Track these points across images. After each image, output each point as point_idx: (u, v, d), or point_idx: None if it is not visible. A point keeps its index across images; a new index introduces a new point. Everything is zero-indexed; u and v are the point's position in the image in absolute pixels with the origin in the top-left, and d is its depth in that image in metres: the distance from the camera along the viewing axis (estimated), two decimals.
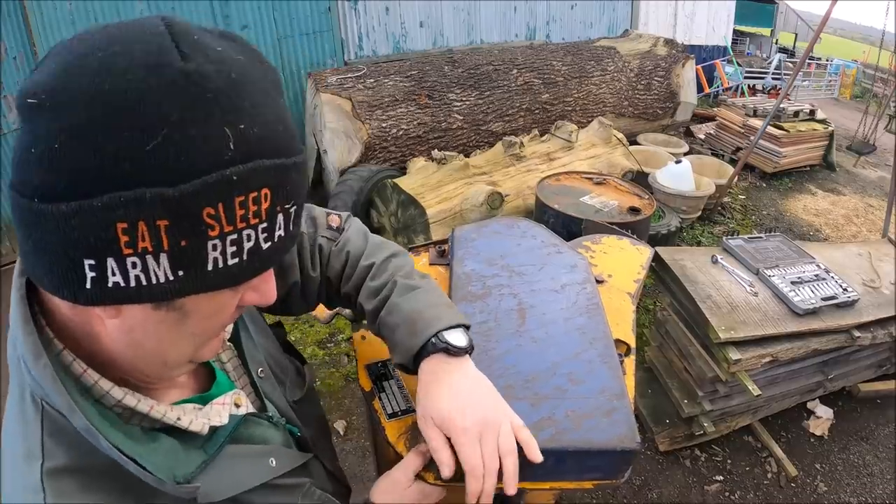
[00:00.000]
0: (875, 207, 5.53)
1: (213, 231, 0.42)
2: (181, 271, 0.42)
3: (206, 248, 0.42)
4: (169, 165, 0.39)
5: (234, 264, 0.44)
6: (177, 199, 0.39)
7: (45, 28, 4.17)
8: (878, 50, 7.53)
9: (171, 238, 0.41)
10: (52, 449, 0.49)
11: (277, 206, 0.45)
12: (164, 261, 0.41)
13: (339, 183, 4.01)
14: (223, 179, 0.40)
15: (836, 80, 11.65)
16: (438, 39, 6.34)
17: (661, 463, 2.61)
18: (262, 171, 0.43)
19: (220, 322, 0.52)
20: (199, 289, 0.44)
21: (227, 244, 0.43)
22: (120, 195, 0.38)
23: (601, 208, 3.13)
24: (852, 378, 2.85)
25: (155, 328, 0.48)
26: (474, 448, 0.66)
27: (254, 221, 0.44)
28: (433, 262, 1.19)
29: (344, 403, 2.91)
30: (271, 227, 0.45)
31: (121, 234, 0.39)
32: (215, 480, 0.56)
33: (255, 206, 0.43)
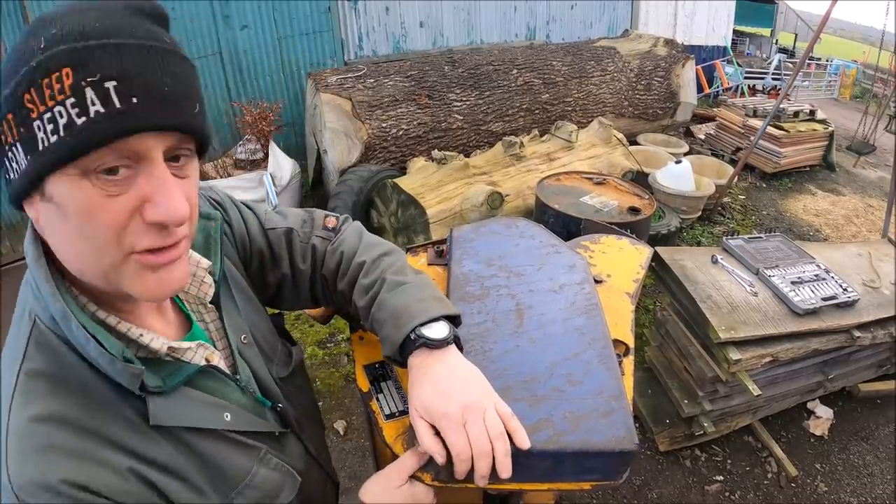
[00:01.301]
0: (875, 207, 5.53)
1: (33, 113, 0.50)
2: (28, 156, 0.51)
3: (34, 129, 0.50)
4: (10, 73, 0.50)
5: (55, 141, 0.50)
6: (9, 94, 0.50)
7: None
8: (878, 50, 7.52)
9: (16, 127, 0.51)
10: (33, 354, 0.58)
11: (81, 80, 0.49)
12: (20, 149, 0.51)
13: (340, 183, 4.01)
14: (27, 70, 0.49)
15: (835, 80, 11.65)
16: (438, 39, 6.34)
17: (661, 463, 2.61)
18: (59, 54, 0.49)
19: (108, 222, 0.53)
20: (42, 167, 0.51)
21: (45, 122, 0.50)
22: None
23: (601, 208, 3.13)
24: (852, 378, 2.84)
25: (53, 227, 0.55)
26: (458, 432, 0.68)
27: (59, 97, 0.49)
28: (431, 263, 1.19)
29: (344, 403, 2.91)
30: (81, 102, 0.49)
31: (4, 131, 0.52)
32: (166, 407, 0.61)
33: (59, 84, 0.49)
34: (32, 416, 0.54)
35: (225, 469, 0.67)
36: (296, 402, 0.85)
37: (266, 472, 0.72)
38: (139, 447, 0.58)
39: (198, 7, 4.74)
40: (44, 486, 0.51)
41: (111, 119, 0.49)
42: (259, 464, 0.71)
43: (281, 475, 0.75)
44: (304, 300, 0.93)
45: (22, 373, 0.57)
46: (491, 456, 0.68)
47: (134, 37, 0.51)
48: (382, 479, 0.74)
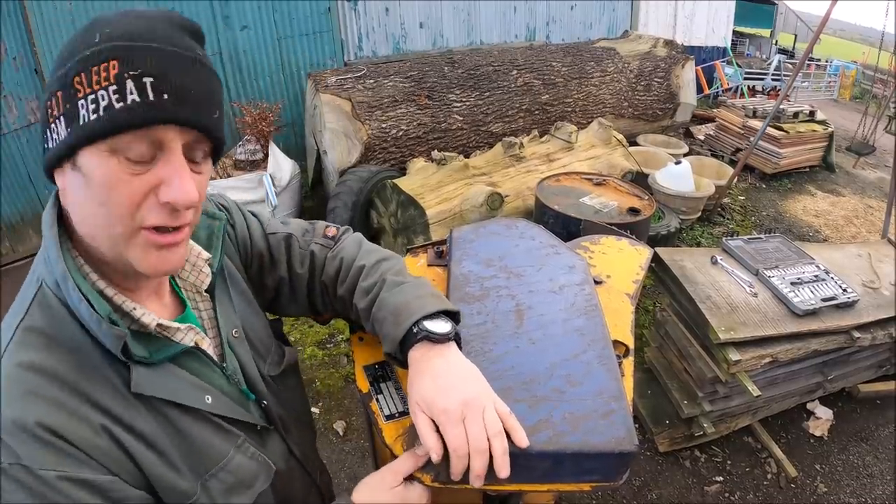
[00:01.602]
0: (874, 208, 5.53)
1: (80, 93, 0.58)
2: (69, 128, 0.59)
3: (78, 106, 0.58)
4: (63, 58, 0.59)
5: (94, 118, 0.57)
6: (62, 75, 0.59)
7: (45, 28, 4.17)
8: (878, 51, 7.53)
9: (63, 104, 0.59)
10: (34, 312, 0.63)
11: (125, 73, 0.57)
12: (62, 122, 0.59)
13: (339, 183, 4.01)
14: (82, 56, 0.58)
15: (835, 81, 11.65)
16: (438, 40, 6.34)
17: (661, 464, 2.61)
18: (109, 48, 0.57)
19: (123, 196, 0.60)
20: (78, 140, 0.58)
21: (89, 102, 0.57)
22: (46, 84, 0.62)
23: (601, 209, 3.13)
24: (852, 379, 2.84)
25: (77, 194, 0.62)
26: (457, 428, 0.69)
27: (104, 83, 0.57)
28: (431, 263, 1.19)
29: (343, 404, 2.91)
30: (121, 91, 0.57)
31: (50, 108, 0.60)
32: (149, 379, 0.65)
33: (105, 73, 0.57)
34: (22, 363, 0.59)
35: (203, 449, 0.70)
36: (285, 403, 0.87)
37: (242, 458, 0.74)
38: (119, 411, 0.62)
39: (198, 7, 4.74)
40: (20, 426, 0.56)
41: (144, 108, 0.58)
42: (236, 450, 0.74)
43: (257, 465, 0.77)
44: (302, 306, 0.97)
45: (20, 328, 0.62)
46: (488, 454, 0.69)
47: (172, 45, 0.60)
48: (376, 480, 0.75)
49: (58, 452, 0.57)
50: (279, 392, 0.86)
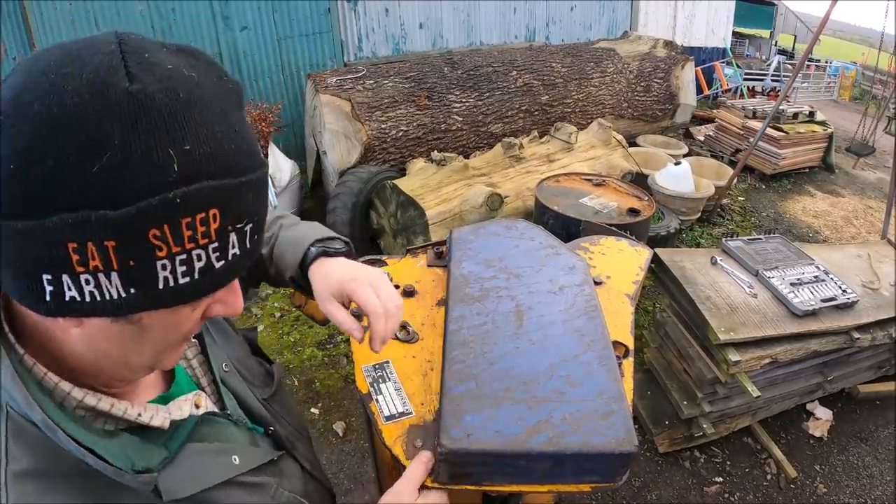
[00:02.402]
0: (874, 209, 5.54)
1: (161, 252, 0.43)
2: (133, 289, 0.44)
3: (156, 267, 0.43)
4: (112, 188, 0.40)
5: (186, 283, 0.45)
6: (121, 222, 0.40)
7: (45, 28, 4.18)
8: (878, 51, 7.53)
9: (119, 258, 0.42)
10: (15, 452, 0.49)
11: (228, 225, 0.46)
12: (116, 279, 0.43)
13: (339, 184, 4.01)
14: (167, 202, 0.41)
15: (835, 81, 11.66)
16: (438, 41, 6.34)
17: (661, 464, 2.61)
18: (209, 192, 0.43)
19: (182, 334, 0.54)
20: (151, 306, 0.46)
21: (177, 264, 0.44)
22: (68, 217, 0.40)
23: (600, 210, 3.13)
24: (852, 379, 2.84)
25: (116, 339, 0.50)
26: (369, 292, 0.74)
27: (203, 242, 0.45)
28: (431, 264, 1.19)
29: (343, 405, 2.91)
30: (224, 247, 0.46)
31: (72, 252, 0.41)
32: (178, 477, 0.57)
33: (204, 227, 0.44)
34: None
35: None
36: (283, 422, 0.84)
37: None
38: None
39: (198, 8, 4.74)
40: None
41: (243, 259, 0.49)
42: (272, 500, 0.71)
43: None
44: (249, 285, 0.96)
45: (9, 478, 0.48)
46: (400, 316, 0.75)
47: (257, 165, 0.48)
48: (394, 496, 0.73)
49: None
50: (277, 412, 0.83)
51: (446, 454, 0.72)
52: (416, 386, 0.89)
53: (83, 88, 0.40)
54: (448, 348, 0.88)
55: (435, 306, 1.07)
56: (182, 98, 0.43)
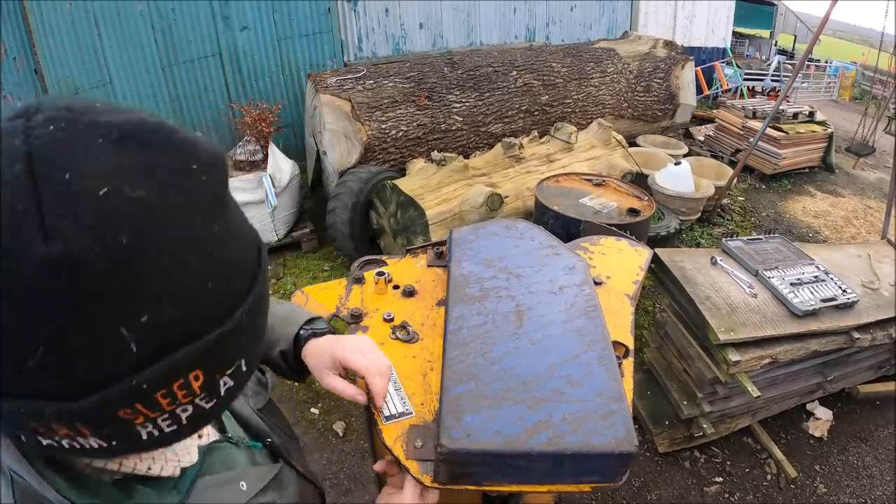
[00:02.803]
0: (874, 209, 5.54)
1: (139, 419, 0.39)
2: (115, 442, 0.40)
3: (135, 430, 0.40)
4: (61, 382, 0.34)
5: (173, 430, 0.42)
6: (83, 412, 0.36)
7: (45, 28, 4.17)
8: (878, 51, 7.53)
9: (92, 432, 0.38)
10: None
11: (216, 375, 0.41)
12: (93, 440, 0.39)
13: (339, 184, 4.01)
14: (130, 388, 0.36)
15: (835, 81, 11.65)
16: (438, 41, 6.34)
17: (661, 464, 2.61)
18: (181, 361, 0.38)
19: None
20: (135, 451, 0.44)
21: (160, 421, 0.40)
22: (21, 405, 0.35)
23: (600, 210, 3.13)
24: (852, 379, 2.84)
25: None
26: (359, 358, 0.82)
27: (186, 401, 0.40)
28: (431, 264, 1.19)
29: (343, 405, 2.90)
30: (212, 391, 0.42)
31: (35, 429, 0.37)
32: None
33: (184, 391, 0.39)
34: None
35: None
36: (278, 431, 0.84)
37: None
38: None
39: (198, 8, 4.74)
40: None
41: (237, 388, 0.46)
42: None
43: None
44: None
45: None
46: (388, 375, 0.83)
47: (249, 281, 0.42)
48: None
49: None
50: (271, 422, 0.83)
51: (446, 454, 0.72)
52: (416, 386, 0.89)
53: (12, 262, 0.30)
54: (448, 348, 0.88)
55: (435, 306, 1.07)
56: (127, 247, 0.32)
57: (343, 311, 1.08)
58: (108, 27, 4.44)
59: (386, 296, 1.11)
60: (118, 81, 4.60)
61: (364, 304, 1.09)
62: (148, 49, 4.65)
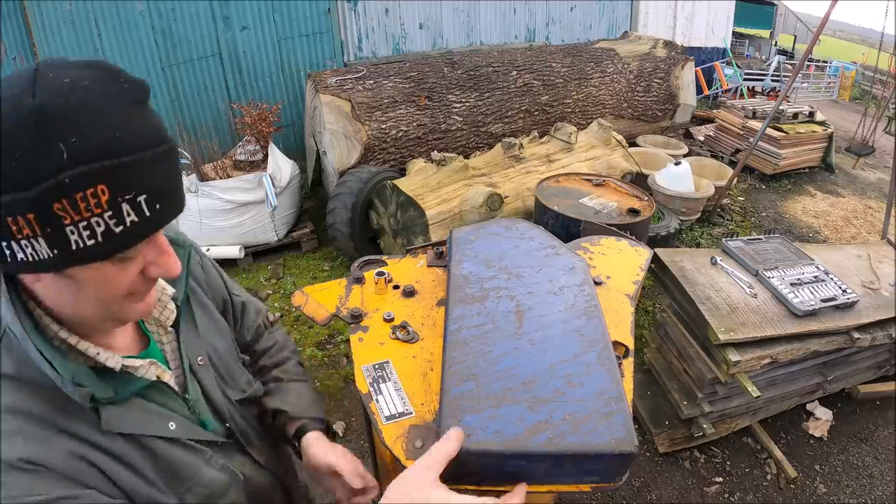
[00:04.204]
0: (874, 209, 5.54)
1: (66, 220, 0.55)
2: (56, 250, 0.57)
3: (66, 232, 0.56)
4: (22, 176, 0.53)
5: (92, 245, 0.57)
6: (32, 198, 0.54)
7: (45, 28, 4.18)
8: (878, 52, 7.53)
9: (40, 226, 0.55)
10: (3, 358, 0.65)
11: (118, 197, 0.57)
12: (43, 243, 0.56)
13: (339, 184, 4.01)
14: (59, 183, 0.53)
15: (835, 81, 11.65)
16: (438, 41, 6.34)
17: (661, 464, 2.61)
18: (91, 173, 0.54)
19: (121, 289, 0.65)
20: (71, 263, 0.58)
21: (81, 229, 0.56)
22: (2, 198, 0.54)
23: (600, 210, 3.13)
24: (852, 379, 2.84)
25: (64, 291, 0.63)
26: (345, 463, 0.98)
27: (97, 211, 0.56)
28: (431, 264, 1.19)
29: (343, 405, 2.91)
30: (118, 215, 0.57)
31: (10, 224, 0.55)
32: (118, 416, 0.70)
33: (95, 199, 0.55)
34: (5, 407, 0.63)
35: (175, 467, 0.75)
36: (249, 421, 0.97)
37: (212, 472, 0.80)
38: (96, 439, 0.67)
39: (198, 8, 4.74)
40: (7, 463, 0.60)
41: (144, 225, 0.60)
42: (206, 464, 0.80)
43: (227, 475, 0.83)
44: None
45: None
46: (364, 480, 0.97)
47: (149, 146, 0.59)
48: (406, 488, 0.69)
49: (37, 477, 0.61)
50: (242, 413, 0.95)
51: None
52: (416, 386, 0.89)
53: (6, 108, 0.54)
54: (448, 348, 0.88)
55: (435, 306, 1.07)
56: (71, 103, 0.54)
57: (343, 311, 1.08)
58: (108, 27, 4.44)
59: (386, 296, 1.11)
60: None
61: (364, 304, 1.09)
62: (148, 49, 4.65)
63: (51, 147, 0.53)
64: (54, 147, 0.53)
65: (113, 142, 0.56)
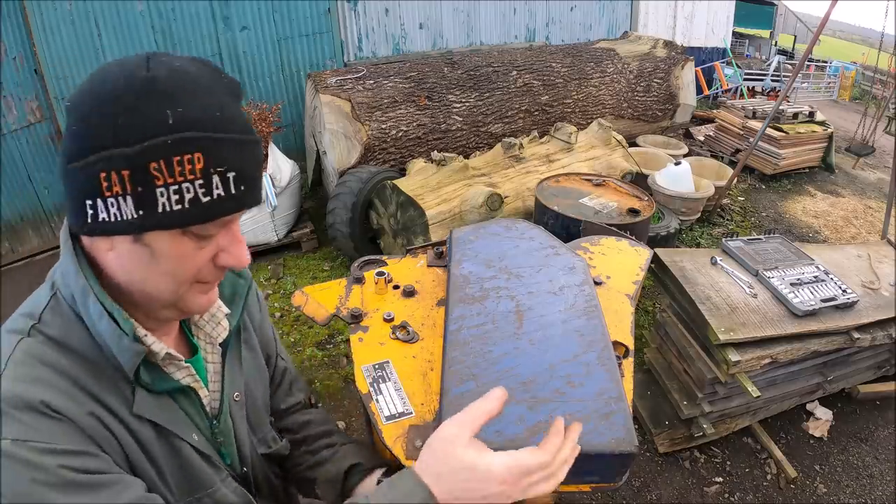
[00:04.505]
0: (874, 209, 5.54)
1: (159, 181, 0.58)
2: (141, 211, 0.59)
3: (156, 193, 0.59)
4: (128, 134, 0.57)
5: (178, 210, 0.60)
6: (132, 155, 0.57)
7: (45, 28, 4.17)
8: (878, 52, 7.53)
9: (132, 184, 0.58)
10: (48, 317, 0.66)
11: (211, 168, 0.60)
12: (130, 202, 0.59)
13: (339, 184, 4.01)
14: (162, 143, 0.57)
15: (835, 81, 11.65)
16: (438, 41, 6.34)
17: (661, 464, 2.61)
18: (192, 139, 0.58)
19: (193, 268, 0.67)
20: (154, 226, 0.60)
21: (171, 192, 0.59)
22: (101, 154, 0.57)
23: (600, 210, 3.13)
24: (852, 379, 2.84)
25: (138, 262, 0.64)
26: None
27: (190, 177, 0.59)
28: (431, 264, 1.19)
29: (343, 405, 2.91)
30: (208, 185, 0.60)
31: (103, 181, 0.58)
32: (149, 404, 0.70)
33: (190, 165, 0.59)
34: (38, 357, 0.63)
35: (193, 473, 0.75)
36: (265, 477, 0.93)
37: (226, 491, 0.79)
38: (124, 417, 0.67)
39: (198, 8, 4.74)
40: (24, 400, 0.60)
41: (228, 202, 0.63)
42: (222, 482, 0.79)
43: (239, 498, 0.82)
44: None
45: (34, 329, 0.65)
46: None
47: (243, 132, 0.64)
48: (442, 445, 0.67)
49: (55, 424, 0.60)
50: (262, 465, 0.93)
51: None
52: (416, 386, 0.89)
53: (118, 76, 0.59)
54: (448, 348, 0.88)
55: (435, 306, 1.07)
56: (179, 81, 0.59)
57: (343, 311, 1.08)
58: (108, 27, 4.43)
59: (386, 296, 1.11)
60: None
61: (364, 304, 1.09)
62: (148, 49, 4.65)
63: (158, 111, 0.57)
64: (162, 112, 0.57)
65: (213, 118, 0.60)
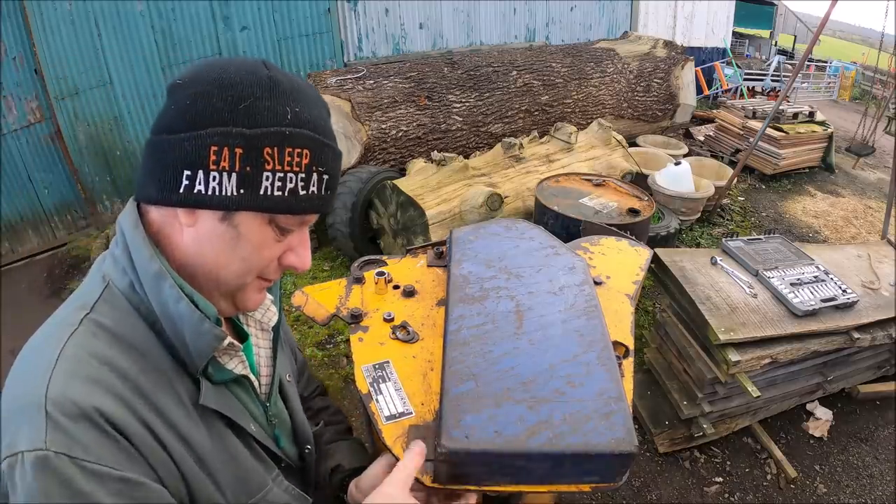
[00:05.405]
0: (874, 209, 5.54)
1: (269, 165, 0.62)
2: (242, 189, 0.62)
3: (262, 176, 0.62)
4: (250, 117, 0.61)
5: (278, 196, 0.64)
6: (250, 136, 0.61)
7: (45, 28, 4.17)
8: (878, 52, 7.53)
9: (241, 162, 0.61)
10: (102, 309, 0.65)
11: (314, 166, 0.65)
12: (234, 179, 0.62)
13: (339, 184, 4.01)
14: (280, 132, 0.62)
15: (835, 81, 11.66)
16: (438, 41, 6.34)
17: (661, 464, 2.61)
18: (305, 136, 0.64)
19: (265, 258, 0.69)
20: (251, 206, 0.63)
21: (276, 178, 0.63)
22: (217, 129, 0.61)
23: (600, 210, 3.13)
24: (852, 379, 2.84)
25: (216, 241, 0.66)
26: None
27: (296, 169, 0.64)
28: (431, 264, 1.19)
29: (343, 405, 2.91)
30: (307, 180, 0.65)
31: (212, 153, 0.61)
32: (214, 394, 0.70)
33: (298, 158, 0.64)
34: (92, 353, 0.61)
35: (247, 475, 0.73)
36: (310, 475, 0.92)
37: (279, 491, 0.78)
38: (178, 420, 0.65)
39: (198, 8, 4.74)
40: (78, 406, 0.56)
41: (318, 200, 0.67)
42: (273, 482, 0.78)
43: (291, 498, 0.80)
44: None
45: (88, 319, 0.63)
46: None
47: (335, 142, 0.69)
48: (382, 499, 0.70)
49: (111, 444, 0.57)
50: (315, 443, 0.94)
51: (446, 454, 0.72)
52: (416, 386, 0.89)
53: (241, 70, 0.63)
54: (448, 348, 0.88)
55: (435, 306, 1.07)
56: (295, 85, 0.65)
57: (343, 311, 1.08)
58: (108, 27, 4.44)
59: (386, 296, 1.11)
60: (118, 81, 4.60)
61: (364, 304, 1.09)
62: (148, 49, 4.65)
63: (280, 105, 0.62)
64: (283, 107, 0.62)
65: (320, 125, 0.66)
